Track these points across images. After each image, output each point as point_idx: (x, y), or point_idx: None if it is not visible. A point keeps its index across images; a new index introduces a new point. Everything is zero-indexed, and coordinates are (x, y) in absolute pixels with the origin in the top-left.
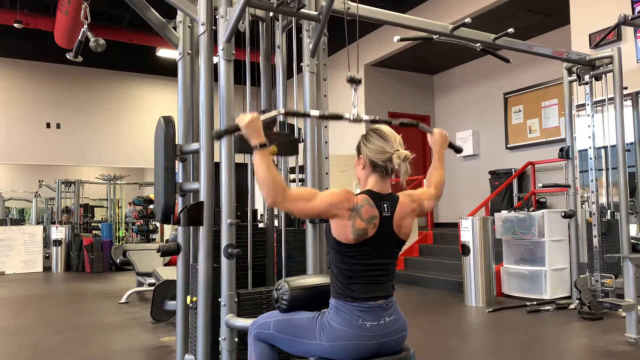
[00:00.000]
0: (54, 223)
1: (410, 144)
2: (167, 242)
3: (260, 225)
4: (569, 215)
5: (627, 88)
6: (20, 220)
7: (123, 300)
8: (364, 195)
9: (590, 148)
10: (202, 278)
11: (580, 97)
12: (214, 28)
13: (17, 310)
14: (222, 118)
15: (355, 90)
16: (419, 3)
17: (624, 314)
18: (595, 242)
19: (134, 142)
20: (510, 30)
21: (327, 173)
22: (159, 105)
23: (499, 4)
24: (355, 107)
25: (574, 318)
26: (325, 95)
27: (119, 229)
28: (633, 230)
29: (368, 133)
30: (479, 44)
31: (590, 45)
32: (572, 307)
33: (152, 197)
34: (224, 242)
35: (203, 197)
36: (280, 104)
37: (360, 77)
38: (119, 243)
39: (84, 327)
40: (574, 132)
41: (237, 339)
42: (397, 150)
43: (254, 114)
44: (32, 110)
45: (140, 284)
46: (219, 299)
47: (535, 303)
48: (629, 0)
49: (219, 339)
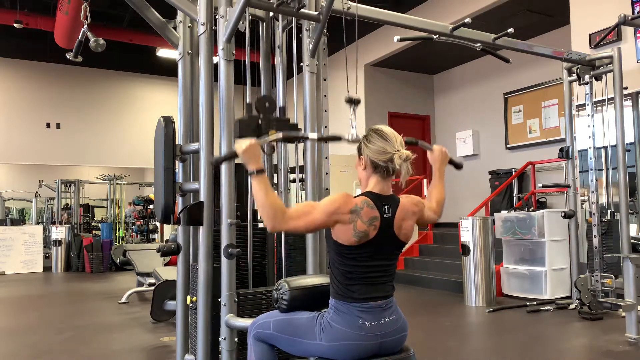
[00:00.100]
0: (54, 223)
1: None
2: (167, 242)
3: (260, 225)
4: (569, 215)
5: (627, 88)
6: (20, 220)
7: (123, 300)
8: (363, 197)
9: (590, 148)
10: (202, 278)
11: (580, 97)
12: (214, 28)
13: (17, 310)
14: (222, 118)
15: (354, 111)
16: (419, 3)
17: (624, 314)
18: (595, 242)
19: (134, 142)
20: (510, 30)
21: (327, 173)
22: (159, 105)
23: (499, 4)
24: (354, 127)
25: (574, 318)
26: (325, 95)
27: (119, 229)
28: (633, 230)
29: (369, 133)
30: (479, 44)
31: (590, 45)
32: (572, 307)
33: (152, 197)
34: (224, 242)
35: (203, 197)
36: (280, 101)
37: (359, 97)
38: (119, 243)
39: (84, 327)
40: (574, 132)
41: (237, 339)
42: (398, 151)
43: (252, 140)
44: (32, 110)
45: (140, 284)
46: (219, 299)
47: (535, 303)
48: (629, 0)
49: (219, 339)
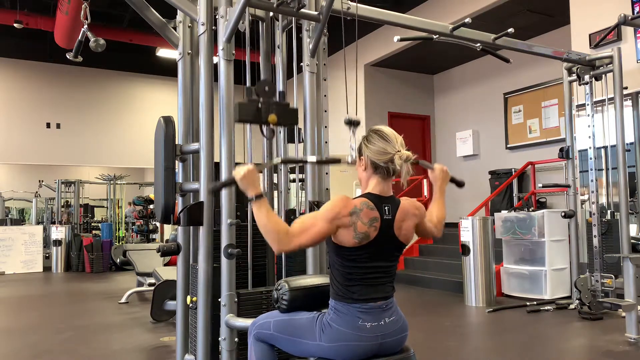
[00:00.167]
0: (54, 223)
1: (411, 145)
2: (167, 242)
3: None
4: (569, 215)
5: (627, 88)
6: (20, 220)
7: (123, 300)
8: (363, 199)
9: (590, 148)
10: (202, 278)
11: (580, 97)
12: (214, 28)
13: (17, 310)
14: (222, 118)
15: (354, 133)
16: (419, 3)
17: (624, 314)
18: (595, 242)
19: (134, 142)
20: (510, 30)
21: (327, 173)
22: (159, 105)
23: (499, 4)
24: (354, 149)
25: (574, 318)
26: (325, 95)
27: (119, 229)
28: (633, 230)
29: (369, 134)
30: (479, 44)
31: (590, 45)
32: (572, 307)
33: (152, 197)
34: (224, 242)
35: (203, 197)
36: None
37: (359, 119)
38: (119, 243)
39: (84, 327)
40: (574, 132)
41: (237, 339)
42: (398, 151)
43: (250, 166)
44: (32, 110)
45: (140, 284)
46: (219, 299)
47: (535, 303)
48: (629, 0)
49: (219, 339)
